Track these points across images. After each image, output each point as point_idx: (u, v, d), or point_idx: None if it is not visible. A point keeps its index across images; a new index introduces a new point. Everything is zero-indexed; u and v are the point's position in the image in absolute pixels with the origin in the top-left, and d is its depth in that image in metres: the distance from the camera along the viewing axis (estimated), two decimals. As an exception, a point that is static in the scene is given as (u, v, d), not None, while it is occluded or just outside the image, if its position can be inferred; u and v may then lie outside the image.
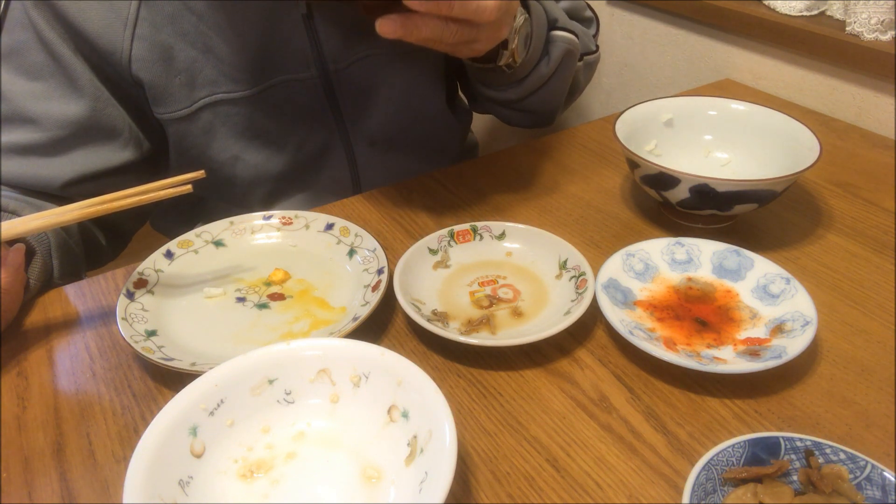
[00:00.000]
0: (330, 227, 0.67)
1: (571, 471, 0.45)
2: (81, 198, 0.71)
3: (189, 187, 0.56)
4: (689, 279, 0.60)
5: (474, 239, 0.65)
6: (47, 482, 0.46)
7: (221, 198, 0.81)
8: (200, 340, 0.56)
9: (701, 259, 0.61)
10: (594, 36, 0.90)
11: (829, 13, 0.94)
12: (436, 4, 0.53)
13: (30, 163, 0.68)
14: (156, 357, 0.51)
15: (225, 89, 0.72)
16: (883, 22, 0.85)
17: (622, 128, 0.70)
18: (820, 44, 0.91)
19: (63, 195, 0.70)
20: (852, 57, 0.88)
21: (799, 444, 0.42)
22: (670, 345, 0.52)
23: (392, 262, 0.61)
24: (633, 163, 0.66)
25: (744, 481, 0.41)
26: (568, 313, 0.54)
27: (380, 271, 0.59)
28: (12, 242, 0.57)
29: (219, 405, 0.45)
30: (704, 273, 0.60)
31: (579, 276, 0.58)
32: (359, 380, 0.46)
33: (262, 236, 0.68)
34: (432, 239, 0.63)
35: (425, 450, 0.42)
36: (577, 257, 0.60)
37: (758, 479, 0.41)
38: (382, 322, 0.58)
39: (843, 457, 0.41)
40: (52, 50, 0.66)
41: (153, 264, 0.62)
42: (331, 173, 0.83)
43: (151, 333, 0.55)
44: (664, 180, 0.64)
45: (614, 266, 0.59)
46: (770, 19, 0.95)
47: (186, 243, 0.65)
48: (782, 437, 0.43)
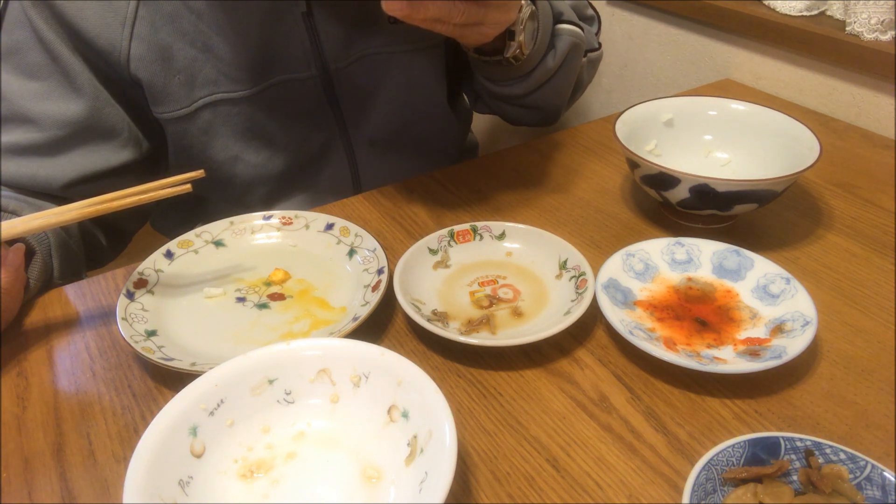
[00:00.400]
0: (330, 227, 0.67)
1: (571, 471, 0.45)
2: (81, 198, 0.71)
3: (188, 187, 0.56)
4: (689, 279, 0.60)
5: (474, 239, 0.65)
6: (47, 482, 0.46)
7: (221, 197, 0.81)
8: (200, 340, 0.56)
9: (701, 259, 0.61)
10: (596, 34, 0.90)
11: (829, 13, 0.94)
12: None
13: (29, 163, 0.68)
14: (156, 357, 0.51)
15: (224, 89, 0.71)
16: (883, 22, 0.85)
17: (622, 128, 0.70)
18: (820, 44, 0.91)
19: (63, 196, 0.70)
20: (852, 57, 0.88)
21: (799, 444, 0.42)
22: (670, 345, 0.52)
23: (392, 262, 0.61)
24: (633, 163, 0.66)
25: (744, 481, 0.41)
26: (568, 313, 0.54)
27: (380, 271, 0.59)
28: (12, 242, 0.57)
29: (219, 405, 0.45)
30: (704, 273, 0.60)
31: (579, 276, 0.58)
32: (359, 380, 0.46)
33: (262, 236, 0.68)
34: (432, 239, 0.63)
35: (425, 450, 0.42)
36: (577, 257, 0.60)
37: (758, 479, 0.41)
38: (382, 322, 0.58)
39: (843, 457, 0.41)
40: (50, 49, 0.65)
41: (153, 264, 0.62)
42: (331, 173, 0.83)
43: (151, 333, 0.55)
44: (664, 180, 0.64)
45: (614, 266, 0.59)
46: (770, 19, 0.95)
47: (186, 243, 0.65)
48: (782, 437, 0.43)
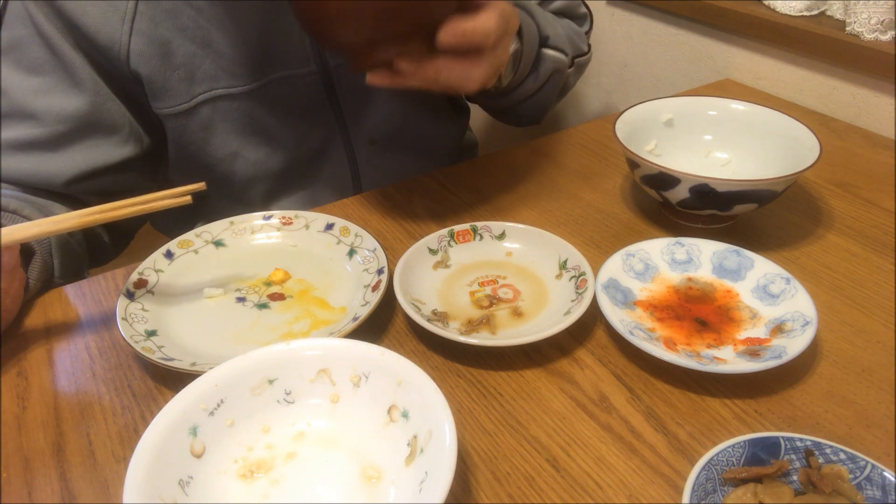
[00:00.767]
0: (330, 227, 0.67)
1: (571, 471, 0.45)
2: (82, 194, 0.72)
3: (189, 199, 0.56)
4: (689, 279, 0.60)
5: (474, 239, 0.65)
6: (47, 482, 0.46)
7: (221, 195, 0.81)
8: (200, 340, 0.56)
9: (701, 259, 0.61)
10: (587, 32, 0.90)
11: (829, 13, 0.94)
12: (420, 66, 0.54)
13: (31, 159, 0.68)
14: (156, 357, 0.51)
15: (224, 84, 0.72)
16: (883, 22, 0.85)
17: (622, 128, 0.70)
18: (820, 44, 0.91)
19: (64, 192, 0.70)
20: (852, 57, 0.88)
21: (799, 444, 0.42)
22: (670, 345, 0.52)
23: (392, 262, 0.61)
24: (633, 163, 0.66)
25: (744, 481, 0.41)
26: (568, 313, 0.54)
27: (380, 271, 0.59)
28: None
29: (219, 405, 0.45)
30: (704, 273, 0.60)
31: (579, 276, 0.58)
32: (359, 380, 0.46)
33: (262, 236, 0.68)
34: (432, 239, 0.63)
35: (425, 450, 0.42)
36: (577, 257, 0.60)
37: (758, 479, 0.41)
38: (382, 322, 0.58)
39: (843, 457, 0.41)
40: (51, 45, 0.66)
41: (153, 264, 0.62)
42: (331, 171, 0.83)
43: (151, 333, 0.55)
44: (664, 180, 0.64)
45: (614, 266, 0.59)
46: (770, 19, 0.95)
47: (186, 243, 0.65)
48: (782, 437, 0.43)
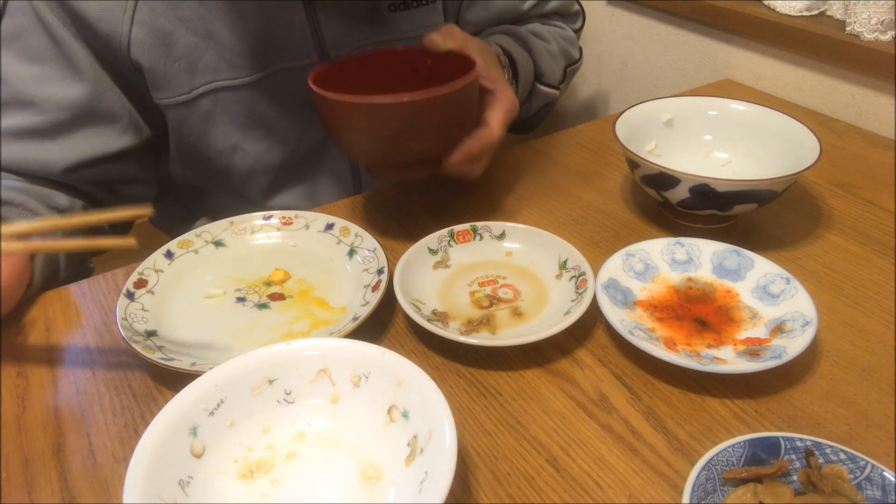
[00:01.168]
0: (330, 227, 0.67)
1: (571, 471, 0.45)
2: (81, 183, 0.72)
3: (133, 242, 0.51)
4: (689, 279, 0.60)
5: (474, 239, 0.65)
6: (47, 482, 0.46)
7: (221, 189, 0.81)
8: (200, 340, 0.56)
9: (701, 259, 0.61)
10: (579, 30, 0.91)
11: (829, 13, 0.94)
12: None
13: (30, 147, 0.68)
14: (156, 357, 0.51)
15: (225, 76, 0.71)
16: (883, 22, 0.85)
17: (622, 128, 0.70)
18: (820, 44, 0.91)
19: (63, 180, 0.70)
20: (852, 57, 0.88)
21: (799, 444, 0.42)
22: (670, 345, 0.52)
23: (392, 262, 0.61)
24: (633, 163, 0.66)
25: (744, 481, 0.41)
26: (568, 313, 0.54)
27: (380, 271, 0.59)
28: None
29: (219, 405, 0.45)
30: (704, 273, 0.60)
31: (579, 276, 0.58)
32: (359, 380, 0.46)
33: (262, 236, 0.68)
34: (432, 239, 0.63)
35: (425, 450, 0.42)
36: (577, 257, 0.60)
37: (758, 479, 0.41)
38: (382, 322, 0.58)
39: (843, 457, 0.41)
40: (52, 34, 0.66)
41: (153, 264, 0.62)
42: (331, 165, 0.83)
43: (151, 333, 0.55)
44: (664, 180, 0.64)
45: (614, 266, 0.59)
46: (770, 19, 0.95)
47: (186, 243, 0.65)
48: (782, 437, 0.43)
